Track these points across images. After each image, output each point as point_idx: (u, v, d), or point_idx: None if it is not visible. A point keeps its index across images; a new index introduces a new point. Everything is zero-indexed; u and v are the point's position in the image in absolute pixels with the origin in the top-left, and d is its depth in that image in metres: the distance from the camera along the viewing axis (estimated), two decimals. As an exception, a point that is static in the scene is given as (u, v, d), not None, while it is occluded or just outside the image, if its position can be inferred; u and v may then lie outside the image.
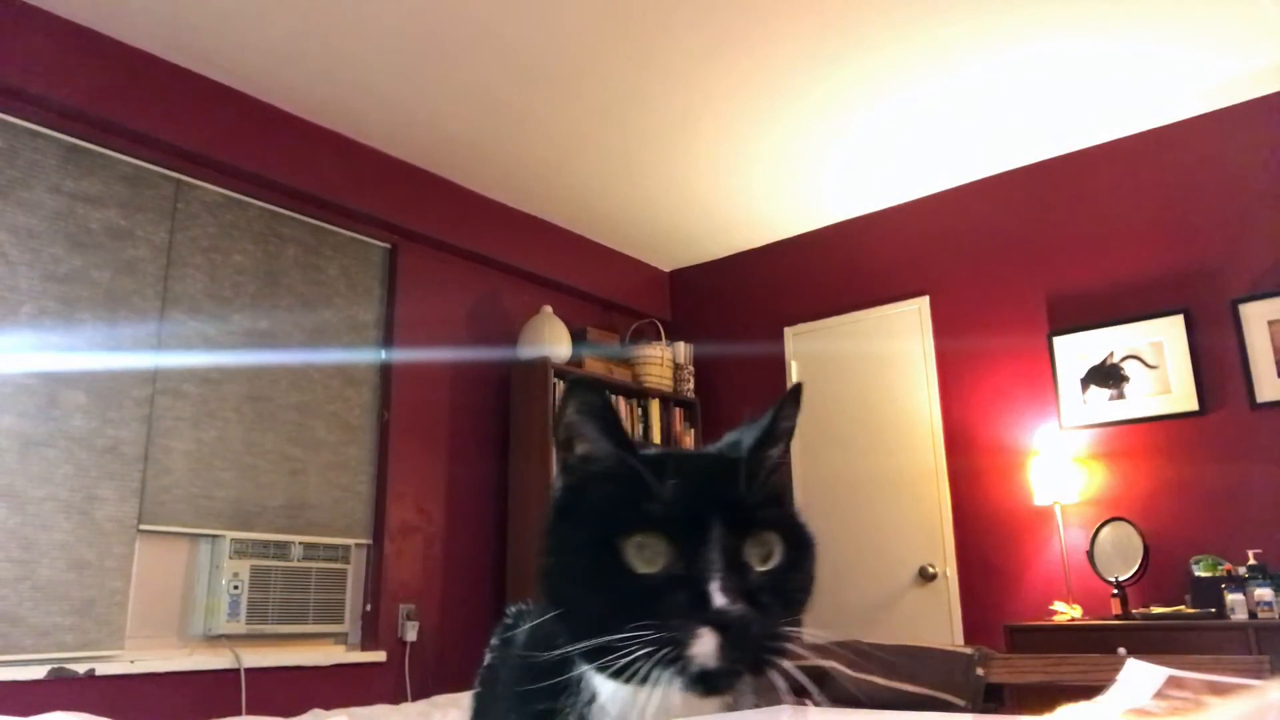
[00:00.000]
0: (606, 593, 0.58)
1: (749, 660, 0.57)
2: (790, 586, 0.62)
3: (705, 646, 0.55)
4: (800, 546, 0.64)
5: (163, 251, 3.21)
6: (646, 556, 0.58)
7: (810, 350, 4.65)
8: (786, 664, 0.59)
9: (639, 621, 0.55)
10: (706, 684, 0.56)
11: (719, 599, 0.55)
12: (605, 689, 0.59)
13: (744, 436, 0.66)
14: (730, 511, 0.60)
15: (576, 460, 0.64)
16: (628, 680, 0.56)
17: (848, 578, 4.26)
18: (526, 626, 0.67)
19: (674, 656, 0.55)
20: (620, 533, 0.59)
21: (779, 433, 0.67)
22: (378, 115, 3.62)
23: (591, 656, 0.57)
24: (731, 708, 0.60)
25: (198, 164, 3.32)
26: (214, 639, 3.13)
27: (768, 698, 0.61)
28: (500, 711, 0.69)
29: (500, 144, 3.87)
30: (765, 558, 0.61)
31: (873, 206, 4.51)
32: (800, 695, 0.61)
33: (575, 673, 0.60)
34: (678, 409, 4.82)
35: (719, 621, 0.55)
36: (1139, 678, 0.47)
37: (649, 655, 0.55)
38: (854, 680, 1.99)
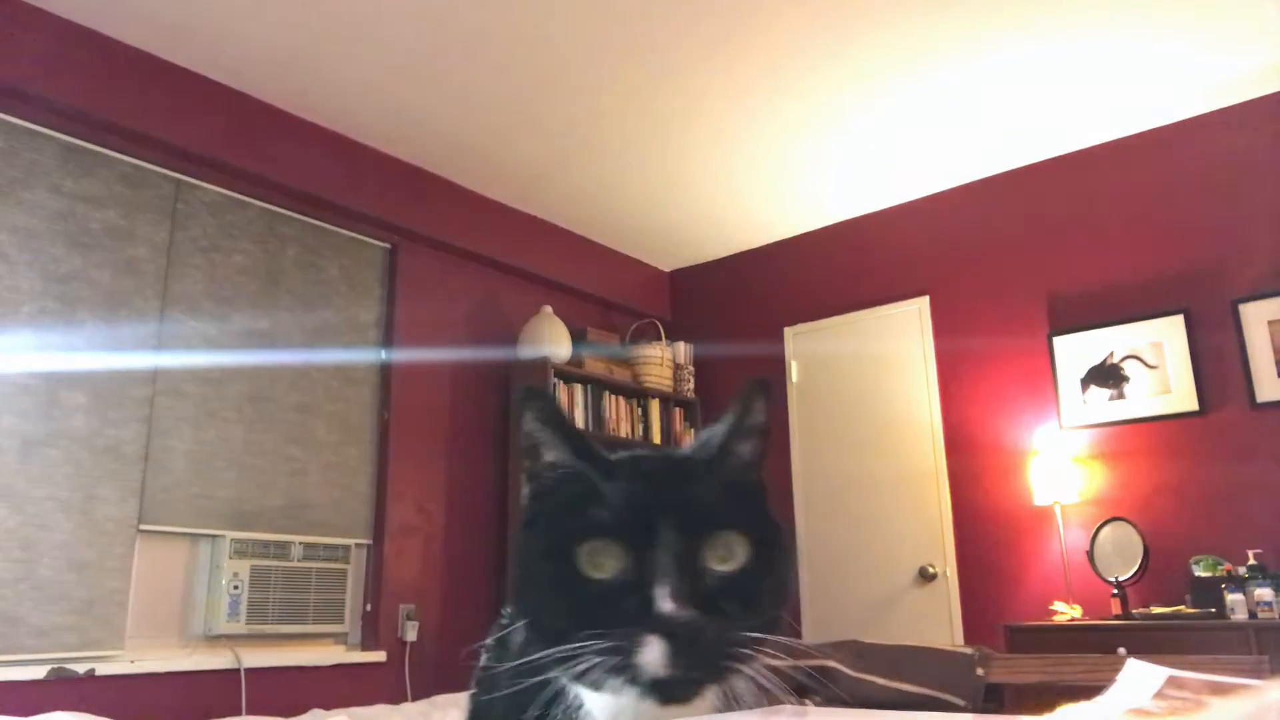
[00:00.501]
0: (565, 600, 0.58)
1: (704, 668, 0.55)
2: (756, 589, 0.59)
3: (653, 654, 0.53)
4: (769, 546, 0.61)
5: (163, 251, 3.21)
6: (600, 563, 0.57)
7: (810, 350, 4.65)
8: (757, 670, 0.57)
9: (593, 629, 0.55)
10: (661, 692, 0.55)
11: (665, 604, 0.54)
12: (588, 696, 0.59)
13: (712, 434, 0.65)
14: (683, 512, 0.58)
15: (539, 468, 0.64)
16: (589, 687, 0.56)
17: (848, 578, 4.26)
18: (519, 625, 0.67)
19: (622, 665, 0.54)
20: (575, 539, 0.58)
21: (746, 429, 0.65)
22: (378, 115, 3.62)
23: (559, 664, 0.57)
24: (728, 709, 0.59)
25: (198, 164, 3.32)
26: (214, 639, 3.13)
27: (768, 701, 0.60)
28: (496, 715, 0.69)
29: (500, 144, 3.87)
30: (727, 559, 0.59)
31: (873, 206, 4.51)
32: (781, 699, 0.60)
33: (555, 679, 0.59)
34: (678, 409, 4.82)
35: (664, 628, 0.53)
36: (1139, 678, 0.47)
37: (601, 664, 0.54)
38: (854, 680, 1.99)
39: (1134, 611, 3.25)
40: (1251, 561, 3.07)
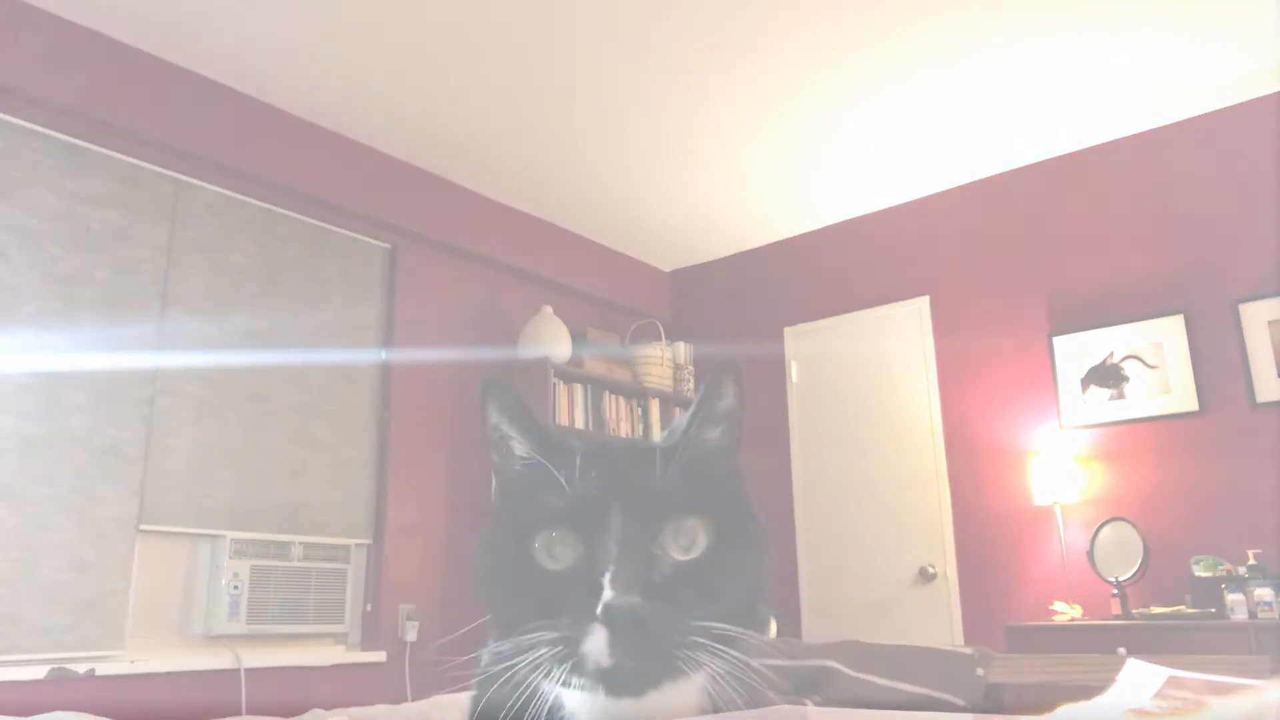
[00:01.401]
0: (523, 592, 0.57)
1: (650, 658, 0.53)
2: (717, 576, 0.57)
3: (596, 643, 0.52)
4: (737, 533, 0.59)
5: (163, 251, 3.21)
6: (556, 553, 0.56)
7: (810, 350, 4.65)
8: (730, 666, 0.54)
9: (545, 620, 0.54)
10: (609, 684, 0.53)
11: (608, 592, 0.52)
12: (567, 697, 0.57)
13: (679, 421, 0.64)
14: (638, 500, 0.57)
15: (503, 460, 0.64)
16: (548, 680, 0.55)
17: (848, 578, 4.25)
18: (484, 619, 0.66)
19: (567, 655, 0.53)
20: (531, 531, 0.57)
21: (713, 414, 0.63)
22: (378, 115, 3.62)
23: (518, 656, 0.55)
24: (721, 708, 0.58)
25: (197, 164, 3.32)
26: (214, 639, 3.13)
27: (762, 697, 0.59)
28: (489, 715, 0.68)
29: (500, 144, 3.87)
30: (689, 547, 0.57)
31: (873, 206, 4.51)
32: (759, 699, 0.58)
33: (533, 679, 0.57)
34: (678, 409, 4.81)
35: (605, 617, 0.52)
36: (1139, 678, 0.47)
37: (551, 655, 0.53)
38: (854, 680, 1.99)
39: (1134, 611, 3.25)
40: (1251, 561, 3.07)
